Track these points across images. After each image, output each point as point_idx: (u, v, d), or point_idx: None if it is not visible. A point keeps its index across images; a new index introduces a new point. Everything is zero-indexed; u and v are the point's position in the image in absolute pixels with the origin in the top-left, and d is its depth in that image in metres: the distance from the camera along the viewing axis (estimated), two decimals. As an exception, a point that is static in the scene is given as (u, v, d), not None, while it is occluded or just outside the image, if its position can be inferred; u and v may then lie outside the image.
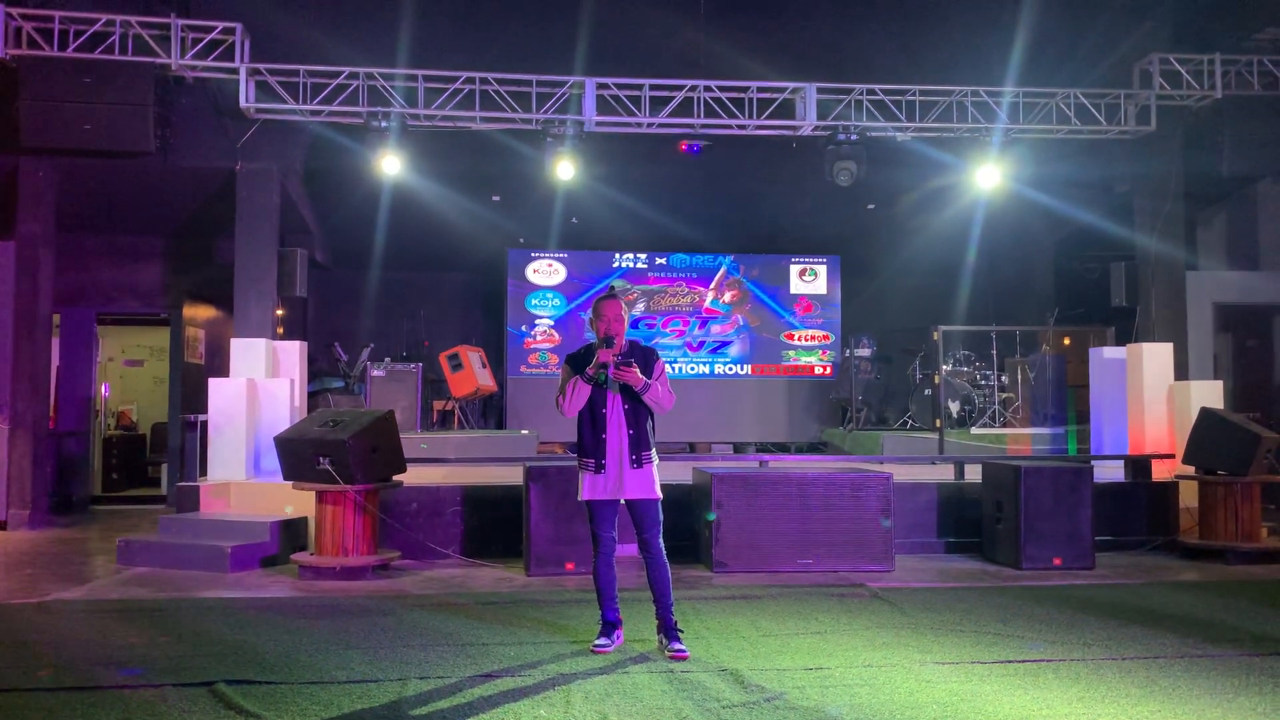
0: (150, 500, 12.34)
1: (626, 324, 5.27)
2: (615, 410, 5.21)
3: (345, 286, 14.27)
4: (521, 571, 7.65)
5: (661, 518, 5.28)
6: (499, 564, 7.99)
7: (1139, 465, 9.36)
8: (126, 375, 14.91)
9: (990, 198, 11.42)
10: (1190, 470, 8.72)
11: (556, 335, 14.58)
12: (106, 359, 14.10)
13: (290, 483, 7.65)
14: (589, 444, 5.24)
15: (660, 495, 5.26)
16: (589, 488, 5.24)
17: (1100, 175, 11.08)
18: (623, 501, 5.25)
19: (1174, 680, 4.74)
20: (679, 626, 5.27)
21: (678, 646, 5.16)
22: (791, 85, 10.03)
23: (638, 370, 5.13)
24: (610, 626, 5.32)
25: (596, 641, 5.28)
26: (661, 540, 5.27)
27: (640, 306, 14.67)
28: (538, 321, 14.60)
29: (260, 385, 9.42)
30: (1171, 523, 8.94)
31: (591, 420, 5.24)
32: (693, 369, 14.67)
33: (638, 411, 5.23)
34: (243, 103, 9.45)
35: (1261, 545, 8.31)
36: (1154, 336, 10.48)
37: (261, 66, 9.49)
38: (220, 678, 4.68)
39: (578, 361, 5.30)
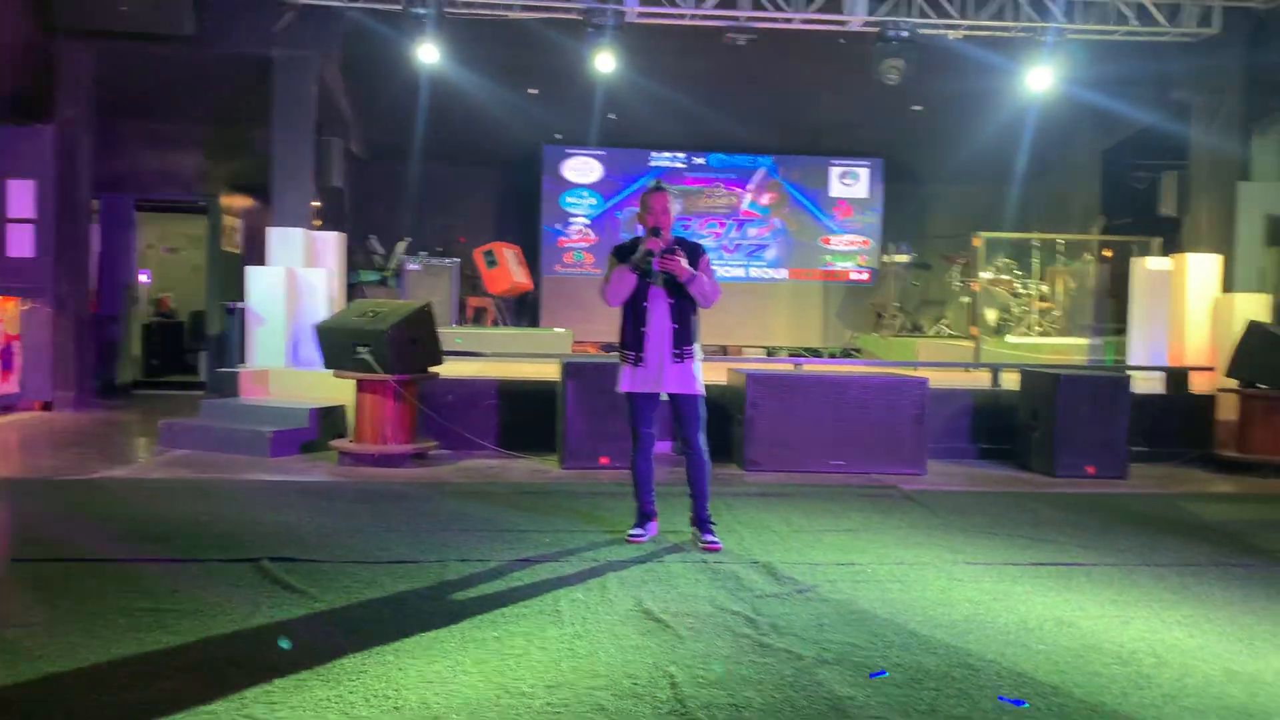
0: (189, 387, 12.53)
1: (673, 218, 5.21)
2: (658, 304, 5.17)
3: (381, 179, 14.19)
4: (556, 464, 7.74)
5: (703, 414, 5.27)
6: (533, 457, 8.07)
7: (1178, 377, 9.27)
8: (165, 262, 15.04)
9: (1039, 103, 11.10)
10: (1230, 384, 8.62)
11: (592, 234, 14.50)
12: (145, 246, 14.19)
13: (330, 371, 7.73)
14: (629, 337, 5.22)
15: (702, 392, 5.24)
16: (628, 380, 5.23)
17: (1155, 80, 10.71)
18: (664, 397, 5.24)
19: (1208, 587, 4.76)
20: (712, 520, 5.33)
21: (710, 538, 5.23)
22: (841, -22, 9.70)
23: (683, 261, 5.08)
24: (646, 517, 5.38)
25: (631, 531, 5.35)
26: (703, 438, 5.27)
27: (676, 207, 14.49)
28: (573, 220, 14.51)
29: (299, 274, 9.46)
30: (1208, 436, 8.87)
31: (634, 313, 5.21)
32: (728, 272, 14.55)
33: (682, 306, 5.18)
34: (280, -14, 9.27)
35: (1299, 460, 8.26)
36: (1201, 247, 10.27)
37: (299, -51, 9.28)
38: (264, 555, 4.80)
39: (624, 252, 5.25)
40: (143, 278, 13.40)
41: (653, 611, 4.12)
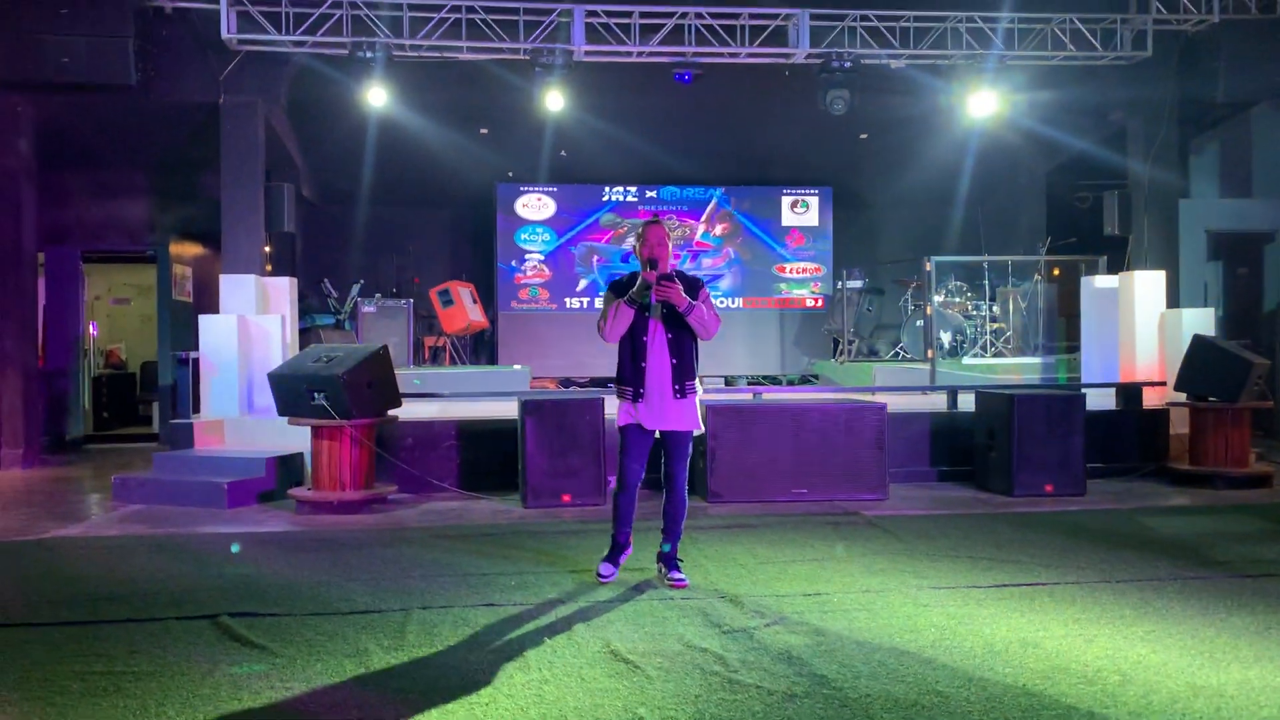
0: (142, 439, 12.32)
1: (670, 249, 5.14)
2: (657, 338, 5.09)
3: (333, 222, 14.12)
4: (518, 504, 7.69)
5: (690, 451, 5.22)
6: (495, 497, 8.02)
7: (1130, 393, 9.41)
8: (114, 314, 14.81)
9: (983, 127, 11.32)
10: (1181, 397, 8.77)
11: (547, 270, 14.51)
12: (93, 297, 13.98)
13: (285, 418, 7.63)
14: (628, 373, 5.13)
15: (701, 428, 5.21)
16: (626, 415, 5.14)
17: (1095, 102, 10.98)
18: (658, 433, 5.17)
19: (1167, 601, 4.81)
20: (679, 556, 5.31)
21: (677, 575, 5.19)
22: (784, 11, 9.85)
23: (681, 290, 5.00)
24: (620, 548, 5.30)
25: (601, 569, 5.26)
26: (685, 474, 5.21)
27: (630, 240, 14.56)
28: (528, 256, 14.51)
29: (251, 322, 9.35)
30: (1161, 449, 9.02)
31: (632, 348, 5.11)
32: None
33: (681, 339, 5.11)
34: (224, 33, 9.23)
35: (1250, 470, 8.40)
36: (1146, 265, 10.48)
37: (243, -4, 9.27)
38: (223, 610, 4.70)
39: (620, 287, 5.16)
40: (91, 330, 13.18)
41: (620, 652, 4.08)
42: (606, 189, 14.63)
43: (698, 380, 5.18)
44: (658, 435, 5.17)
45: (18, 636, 4.39)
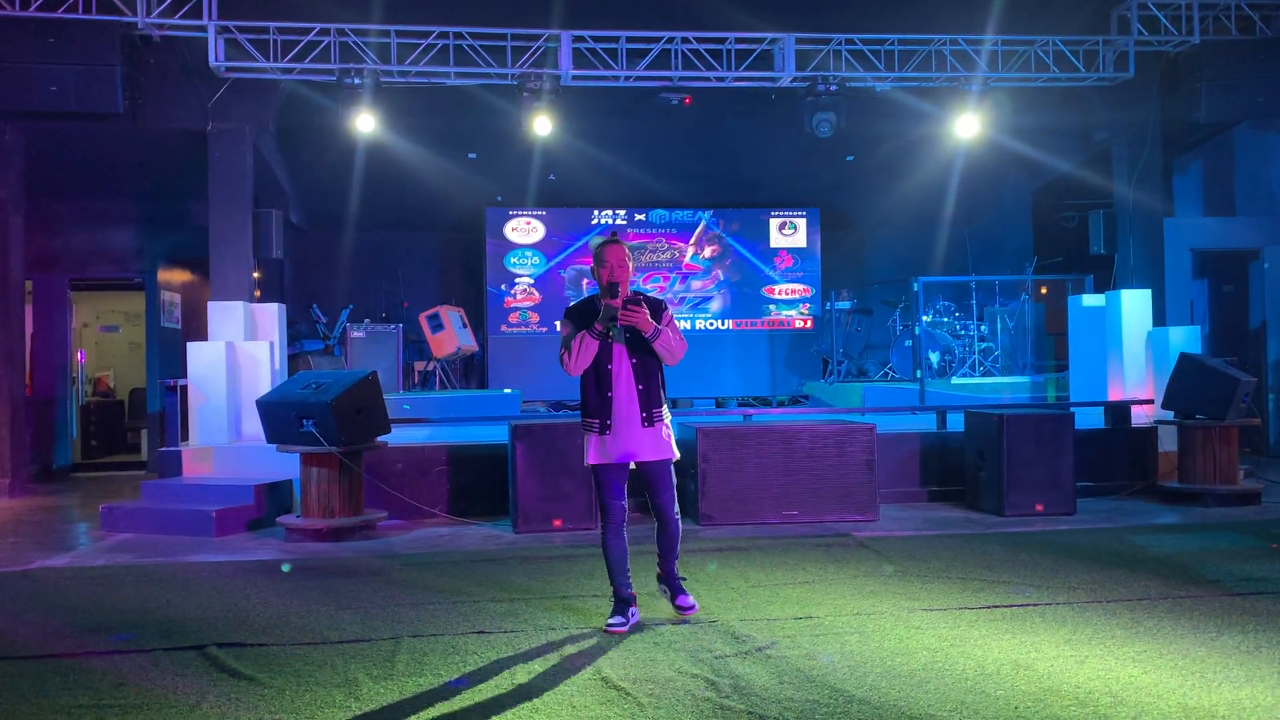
0: (131, 467, 12.26)
1: (631, 270, 4.80)
2: (622, 365, 4.77)
3: (321, 248, 14.11)
4: (509, 529, 7.67)
5: (674, 480, 4.94)
6: (486, 522, 8.00)
7: (1118, 411, 9.44)
8: (102, 341, 14.76)
9: (968, 148, 11.41)
10: (1169, 415, 8.81)
11: (536, 294, 14.51)
12: (81, 325, 13.94)
13: (274, 445, 7.61)
14: (593, 403, 4.80)
15: (676, 455, 4.91)
16: (595, 451, 4.81)
17: (1078, 123, 11.08)
18: (633, 465, 4.87)
19: (1158, 621, 4.82)
20: (681, 575, 5.10)
21: (685, 601, 4.99)
22: (770, 36, 9.92)
23: (648, 314, 4.72)
24: (624, 604, 4.88)
25: (610, 620, 4.82)
26: (675, 505, 4.94)
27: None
28: (517, 280, 14.52)
29: (240, 348, 9.33)
30: (1151, 467, 9.05)
31: (596, 378, 4.78)
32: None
33: (647, 365, 4.80)
34: (212, 61, 9.26)
35: (1239, 487, 8.42)
36: (1132, 283, 10.54)
37: (230, 24, 9.29)
38: (211, 641, 4.67)
39: (578, 314, 4.84)
40: (79, 357, 13.13)
41: (612, 679, 4.07)
42: (595, 212, 14.67)
43: (665, 407, 4.89)
44: (633, 466, 4.89)
45: (2, 670, 4.35)
